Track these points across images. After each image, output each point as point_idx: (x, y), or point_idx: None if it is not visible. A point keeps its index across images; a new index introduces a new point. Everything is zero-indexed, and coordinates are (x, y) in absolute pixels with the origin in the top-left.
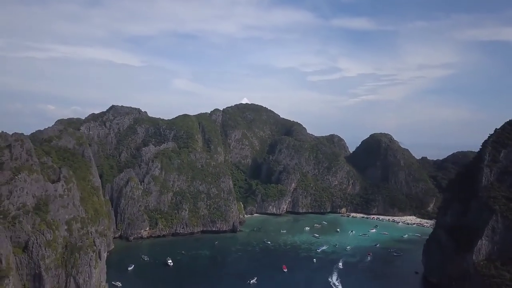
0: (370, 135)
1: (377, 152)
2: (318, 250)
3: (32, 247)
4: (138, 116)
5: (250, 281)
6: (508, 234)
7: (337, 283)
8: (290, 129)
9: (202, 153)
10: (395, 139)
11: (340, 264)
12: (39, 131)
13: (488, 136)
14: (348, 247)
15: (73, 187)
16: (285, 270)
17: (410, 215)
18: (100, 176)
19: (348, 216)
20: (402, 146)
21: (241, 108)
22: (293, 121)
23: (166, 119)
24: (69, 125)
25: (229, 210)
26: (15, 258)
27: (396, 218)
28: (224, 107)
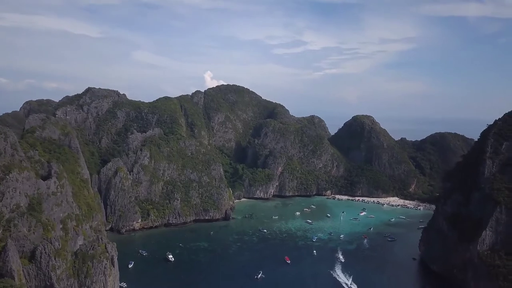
0: (352, 117)
1: (361, 134)
2: (314, 240)
3: (41, 257)
4: (117, 99)
5: (257, 276)
6: None
7: (344, 278)
8: (273, 111)
9: (192, 140)
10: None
11: (341, 255)
12: (6, 114)
13: (488, 126)
14: (342, 236)
15: (65, 183)
16: (289, 261)
17: (393, 196)
18: None
19: (334, 199)
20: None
21: (223, 90)
22: (275, 103)
23: (147, 101)
24: (39, 107)
25: (221, 198)
26: (23, 270)
27: (381, 200)
28: (206, 89)
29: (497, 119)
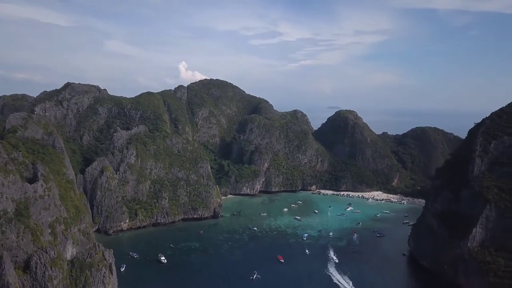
0: (336, 112)
1: (344, 129)
2: (304, 238)
3: (36, 268)
4: (98, 95)
5: (252, 276)
6: (501, 222)
7: (338, 275)
8: (257, 106)
9: (178, 138)
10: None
11: (332, 253)
12: None
13: (475, 125)
14: (331, 233)
15: (52, 185)
16: (282, 260)
17: (377, 191)
18: None
19: (319, 194)
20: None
21: (206, 85)
22: (259, 97)
23: (126, 95)
24: (14, 102)
25: (210, 196)
26: (17, 281)
27: (365, 194)
28: (189, 83)
29: (485, 117)
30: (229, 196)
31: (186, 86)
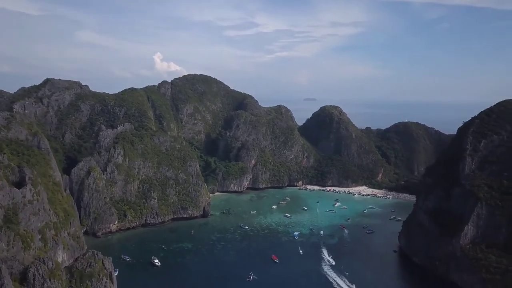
0: (320, 108)
1: (329, 125)
2: (296, 238)
3: (34, 280)
4: (80, 91)
5: (249, 277)
6: (491, 220)
7: (334, 274)
8: (242, 102)
9: (166, 136)
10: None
11: (326, 251)
12: None
13: (464, 124)
14: (321, 231)
15: (41, 189)
16: (277, 260)
17: (362, 186)
18: None
19: (305, 189)
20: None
21: (190, 80)
22: (244, 93)
23: (111, 93)
24: None
25: (199, 195)
26: None
27: (351, 189)
28: (172, 79)
29: (473, 116)
30: (217, 193)
31: (170, 81)
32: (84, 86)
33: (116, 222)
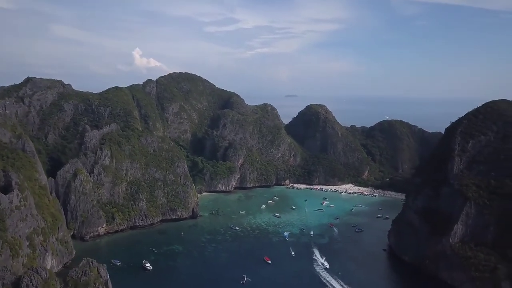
0: (306, 107)
1: (316, 123)
2: (287, 239)
3: None
4: (62, 90)
5: (243, 280)
6: (480, 219)
7: (327, 274)
8: (228, 100)
9: (153, 136)
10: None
11: (317, 251)
12: None
13: (452, 124)
14: (312, 232)
15: (28, 194)
16: (269, 261)
17: (348, 184)
18: None
19: (293, 188)
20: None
21: (175, 78)
22: (230, 91)
23: (95, 92)
24: None
25: (188, 196)
26: None
27: (338, 188)
28: (157, 77)
29: (460, 116)
30: (204, 193)
31: (155, 80)
32: (67, 85)
33: (104, 225)
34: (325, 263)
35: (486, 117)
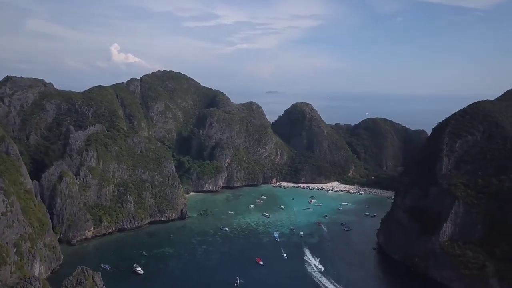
0: (292, 105)
1: (302, 122)
2: (277, 240)
3: None
4: (44, 90)
5: (236, 282)
6: (468, 218)
7: (320, 275)
8: (213, 99)
9: (140, 137)
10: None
11: (308, 251)
12: None
13: (439, 124)
14: (301, 232)
15: (14, 199)
16: (261, 263)
17: (334, 182)
18: None
19: (280, 187)
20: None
21: (159, 77)
22: (215, 90)
23: (77, 91)
24: None
25: (176, 197)
26: None
27: (324, 186)
28: (142, 75)
29: (447, 116)
30: (191, 193)
31: (139, 78)
32: (48, 84)
33: (92, 228)
34: (318, 263)
35: (473, 118)
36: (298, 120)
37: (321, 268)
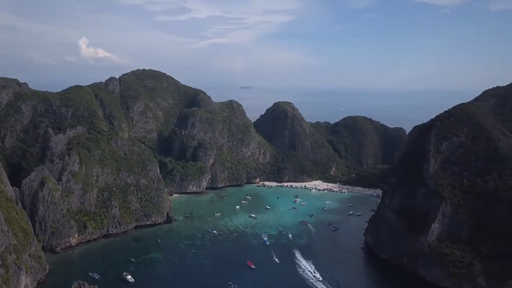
0: (274, 104)
1: (284, 121)
2: (267, 243)
3: None
4: (19, 90)
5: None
6: (455, 217)
7: (314, 277)
8: (194, 98)
9: (124, 140)
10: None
11: (299, 253)
12: None
13: (425, 126)
14: (290, 235)
15: None
16: (253, 266)
17: (317, 180)
18: None
19: (264, 186)
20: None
21: (139, 76)
22: (196, 88)
23: (54, 91)
24: None
25: (162, 201)
26: None
27: (307, 184)
28: (120, 75)
29: (432, 118)
30: (175, 195)
31: (118, 78)
32: (23, 84)
33: (76, 235)
34: (309, 265)
35: (457, 119)
36: (280, 119)
37: (311, 268)
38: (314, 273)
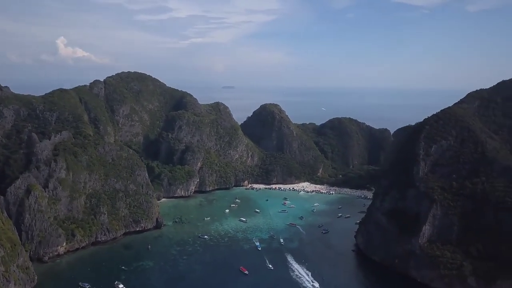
0: (261, 106)
1: (271, 123)
2: (259, 248)
3: None
4: (0, 94)
5: None
6: (445, 219)
7: (309, 281)
8: (181, 100)
9: (112, 145)
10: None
11: (291, 257)
12: None
13: (414, 130)
14: (281, 240)
15: None
16: (246, 272)
17: (304, 182)
18: None
19: (252, 189)
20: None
21: (124, 78)
22: (182, 91)
23: (37, 95)
24: None
25: (151, 206)
26: None
27: (295, 186)
28: (105, 77)
29: (419, 121)
30: (163, 200)
31: (102, 80)
32: (5, 88)
33: (64, 243)
34: (302, 270)
35: (445, 123)
36: (267, 122)
37: (303, 271)
38: (308, 277)
